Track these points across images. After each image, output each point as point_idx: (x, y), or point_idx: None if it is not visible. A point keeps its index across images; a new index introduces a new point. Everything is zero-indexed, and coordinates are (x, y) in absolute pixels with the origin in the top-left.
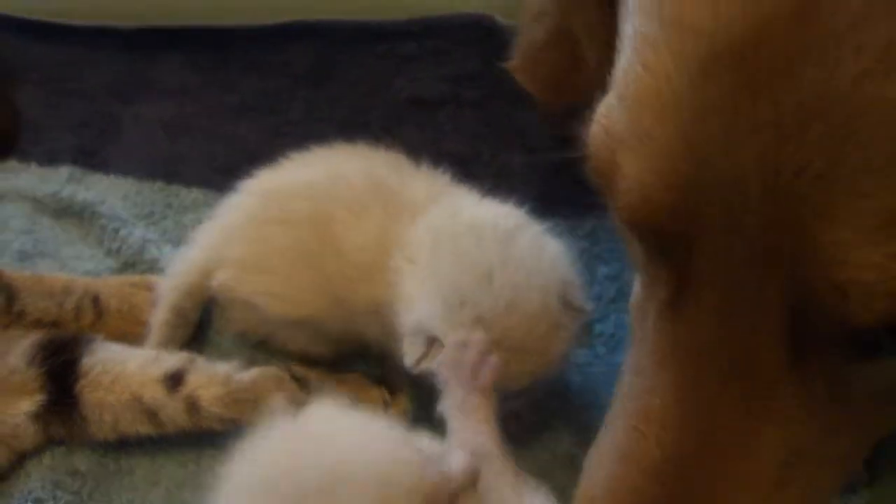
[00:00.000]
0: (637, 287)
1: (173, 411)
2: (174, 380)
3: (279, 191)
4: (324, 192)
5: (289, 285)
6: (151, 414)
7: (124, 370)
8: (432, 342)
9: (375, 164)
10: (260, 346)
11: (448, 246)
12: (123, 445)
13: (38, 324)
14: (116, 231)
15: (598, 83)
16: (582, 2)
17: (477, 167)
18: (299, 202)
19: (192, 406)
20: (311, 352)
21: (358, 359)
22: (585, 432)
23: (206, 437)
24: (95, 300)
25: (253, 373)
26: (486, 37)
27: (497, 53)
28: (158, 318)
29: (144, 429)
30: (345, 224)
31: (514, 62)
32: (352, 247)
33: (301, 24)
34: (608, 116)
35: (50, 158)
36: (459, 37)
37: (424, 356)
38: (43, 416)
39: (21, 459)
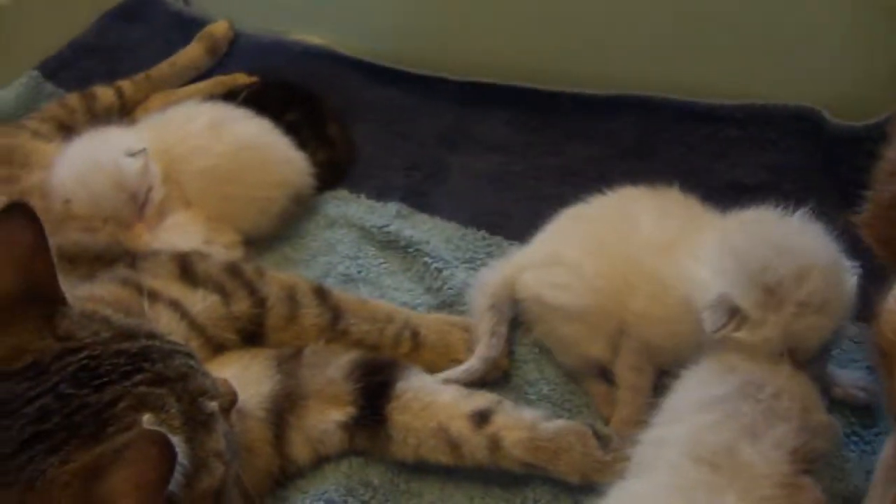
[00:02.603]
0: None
1: (475, 447)
2: (481, 417)
3: (584, 205)
4: (626, 200)
5: (574, 275)
6: (454, 446)
7: (435, 400)
8: (734, 313)
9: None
10: (566, 401)
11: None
12: (417, 469)
13: (358, 344)
14: (439, 271)
15: None
16: None
17: None
18: (597, 208)
19: (495, 445)
20: (591, 353)
21: None
22: None
23: (497, 475)
24: (415, 332)
25: (558, 423)
26: (811, 130)
27: (822, 149)
28: (479, 311)
29: (444, 458)
30: (648, 219)
31: (864, 216)
32: (653, 233)
33: (630, 98)
34: None
35: (379, 193)
36: (785, 127)
37: (725, 325)
38: (351, 427)
39: (322, 462)
